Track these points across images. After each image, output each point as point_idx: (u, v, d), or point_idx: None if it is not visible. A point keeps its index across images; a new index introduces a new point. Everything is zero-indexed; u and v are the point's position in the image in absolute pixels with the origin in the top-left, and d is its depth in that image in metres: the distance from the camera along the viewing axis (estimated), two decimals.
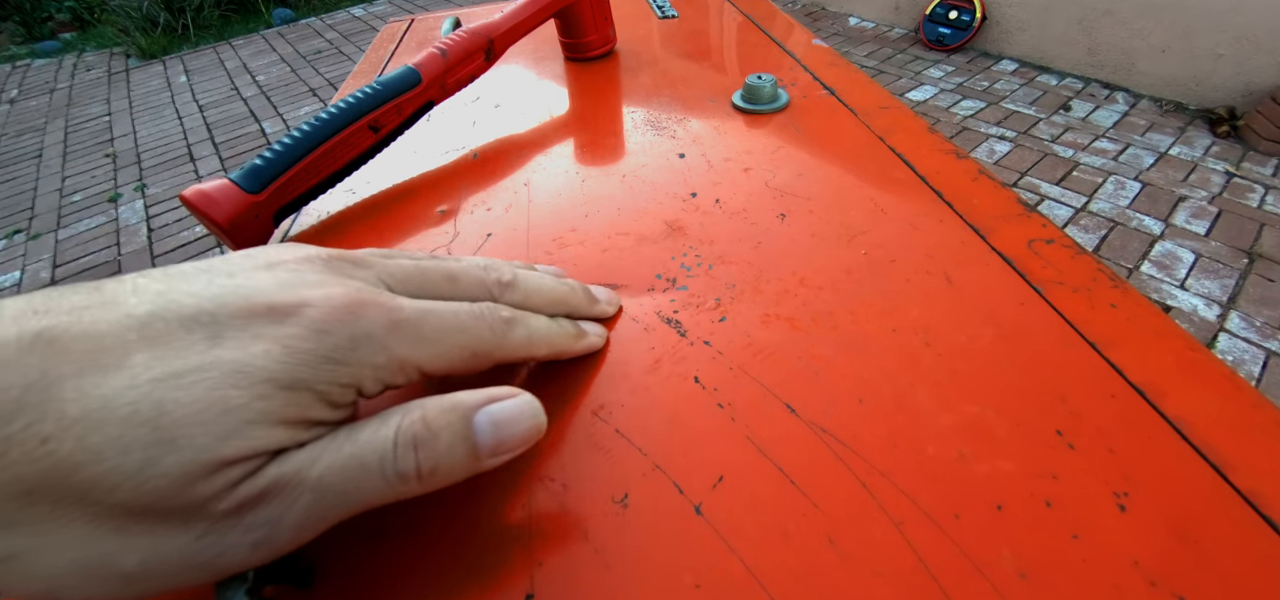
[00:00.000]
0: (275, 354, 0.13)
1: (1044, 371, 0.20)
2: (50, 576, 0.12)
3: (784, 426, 0.19)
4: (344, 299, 0.15)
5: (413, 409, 0.15)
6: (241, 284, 0.14)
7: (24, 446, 0.11)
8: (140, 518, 0.12)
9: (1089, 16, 2.16)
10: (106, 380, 0.12)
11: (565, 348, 0.20)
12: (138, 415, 0.12)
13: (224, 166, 2.24)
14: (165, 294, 0.13)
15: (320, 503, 0.14)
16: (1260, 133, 1.74)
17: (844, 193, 0.29)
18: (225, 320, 0.13)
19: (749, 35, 0.49)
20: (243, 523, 0.13)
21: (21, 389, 0.11)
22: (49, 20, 4.05)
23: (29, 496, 0.11)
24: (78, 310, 0.12)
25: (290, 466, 0.13)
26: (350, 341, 0.14)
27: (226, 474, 0.12)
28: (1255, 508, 0.16)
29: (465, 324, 0.17)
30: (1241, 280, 1.35)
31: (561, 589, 0.16)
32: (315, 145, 0.29)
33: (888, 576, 0.15)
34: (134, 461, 0.11)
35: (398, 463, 0.14)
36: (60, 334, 0.12)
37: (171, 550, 0.12)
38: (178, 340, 0.13)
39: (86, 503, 0.11)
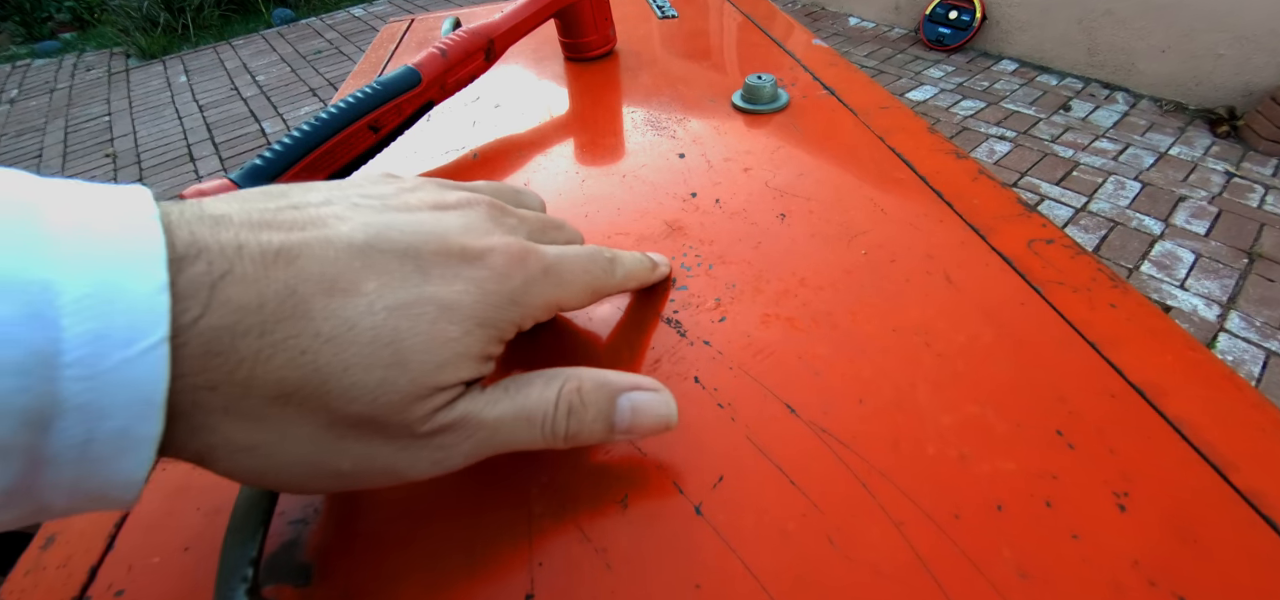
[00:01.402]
0: (473, 294, 0.15)
1: (1044, 371, 0.20)
2: (281, 468, 0.13)
3: (784, 426, 0.19)
4: (517, 248, 0.16)
5: (572, 378, 0.17)
6: (433, 224, 0.16)
7: (287, 353, 0.12)
8: (364, 427, 0.13)
9: (1089, 16, 2.16)
10: (348, 303, 0.13)
11: (648, 277, 0.23)
12: (379, 338, 0.13)
13: (224, 166, 2.24)
14: (372, 225, 0.15)
15: (489, 440, 0.15)
16: (1260, 133, 1.74)
17: (844, 193, 0.29)
18: (428, 257, 0.15)
19: (749, 35, 0.49)
20: (433, 443, 0.15)
21: (277, 301, 0.12)
22: (49, 20, 4.05)
23: (282, 399, 0.12)
24: (296, 226, 0.14)
25: (476, 405, 0.15)
26: (523, 286, 0.16)
27: (435, 400, 0.14)
28: (1255, 508, 0.16)
29: (587, 266, 0.19)
30: (1241, 280, 1.35)
31: (561, 589, 0.16)
32: (315, 145, 0.29)
33: (888, 576, 0.15)
34: (374, 379, 0.13)
35: (554, 423, 0.16)
36: (297, 253, 0.13)
37: (379, 457, 0.14)
38: (395, 272, 0.14)
39: (327, 409, 0.13)
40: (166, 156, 2.37)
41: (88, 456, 0.11)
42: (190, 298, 0.11)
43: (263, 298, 0.12)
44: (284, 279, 0.13)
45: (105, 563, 0.18)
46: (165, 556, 0.18)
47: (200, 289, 0.12)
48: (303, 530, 0.18)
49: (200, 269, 0.12)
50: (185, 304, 0.11)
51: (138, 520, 0.19)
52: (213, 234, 0.12)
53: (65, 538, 0.18)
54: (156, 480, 0.20)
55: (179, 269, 0.11)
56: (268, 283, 0.12)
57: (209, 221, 0.12)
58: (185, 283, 0.11)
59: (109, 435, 0.11)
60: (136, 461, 0.11)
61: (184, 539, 0.18)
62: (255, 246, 0.13)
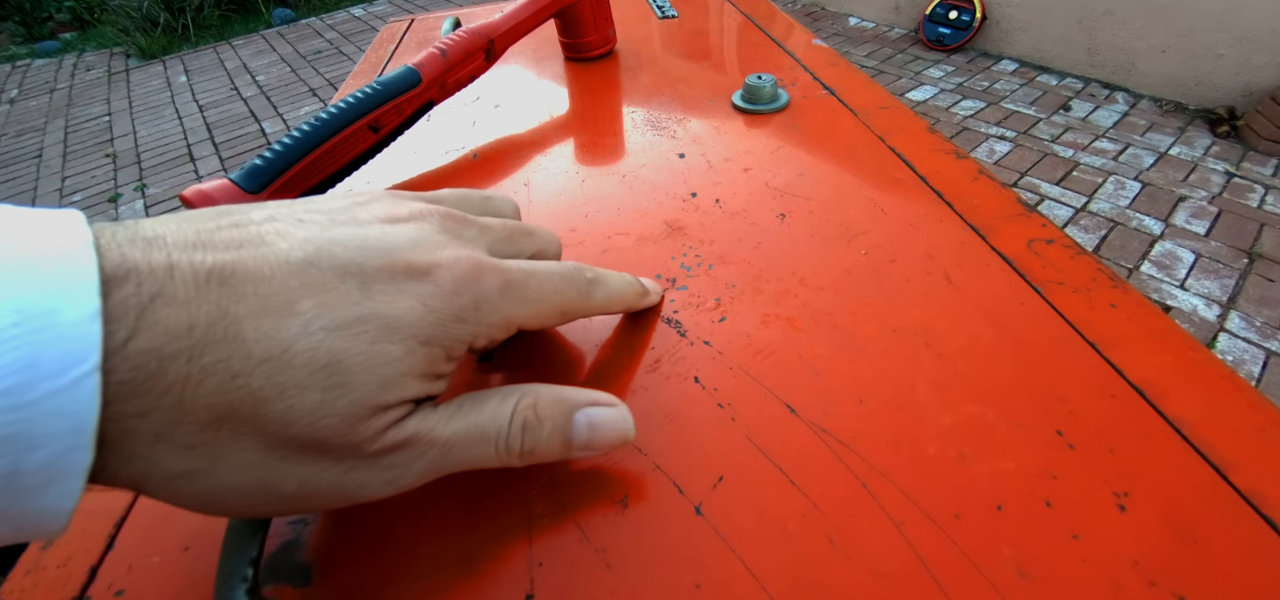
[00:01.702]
0: (417, 311, 0.15)
1: (1044, 371, 0.20)
2: (220, 493, 0.13)
3: (784, 426, 0.19)
4: (469, 263, 0.16)
5: (527, 394, 0.17)
6: (378, 238, 0.15)
7: (217, 377, 0.12)
8: (306, 450, 0.13)
9: (1089, 16, 2.16)
10: (283, 324, 0.13)
11: (634, 303, 0.22)
12: (315, 360, 0.13)
13: (224, 166, 2.24)
14: (313, 241, 0.14)
15: (443, 458, 0.15)
16: (1260, 133, 1.74)
17: (844, 193, 0.29)
18: (371, 273, 0.14)
19: (749, 35, 0.49)
20: (382, 462, 0.14)
21: (207, 324, 0.12)
22: (49, 20, 4.05)
23: (215, 424, 0.12)
24: (233, 245, 0.13)
25: (427, 424, 0.15)
26: (474, 303, 0.16)
27: (381, 419, 0.14)
28: (1255, 508, 0.16)
29: (559, 286, 0.18)
30: (1241, 280, 1.35)
31: (561, 589, 0.16)
32: (315, 145, 0.29)
33: (888, 576, 0.15)
34: (311, 401, 0.13)
35: (509, 440, 0.16)
36: (231, 272, 0.13)
37: (325, 479, 0.14)
38: (334, 290, 0.14)
39: (264, 433, 0.13)
40: (166, 156, 2.37)
41: (14, 488, 0.10)
42: (118, 320, 0.11)
43: (193, 320, 0.12)
44: (216, 300, 0.12)
45: (105, 563, 0.18)
46: (165, 556, 0.18)
47: (128, 311, 0.11)
48: (303, 530, 0.18)
49: (129, 290, 0.11)
50: (113, 327, 0.11)
51: (138, 520, 0.19)
52: (144, 255, 0.12)
53: (65, 538, 0.18)
54: None
55: (108, 291, 0.11)
56: (199, 305, 0.12)
57: (141, 243, 0.12)
58: (114, 305, 0.11)
59: (37, 466, 0.10)
60: (64, 492, 0.11)
61: (184, 539, 0.18)
62: (187, 267, 0.12)
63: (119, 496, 0.19)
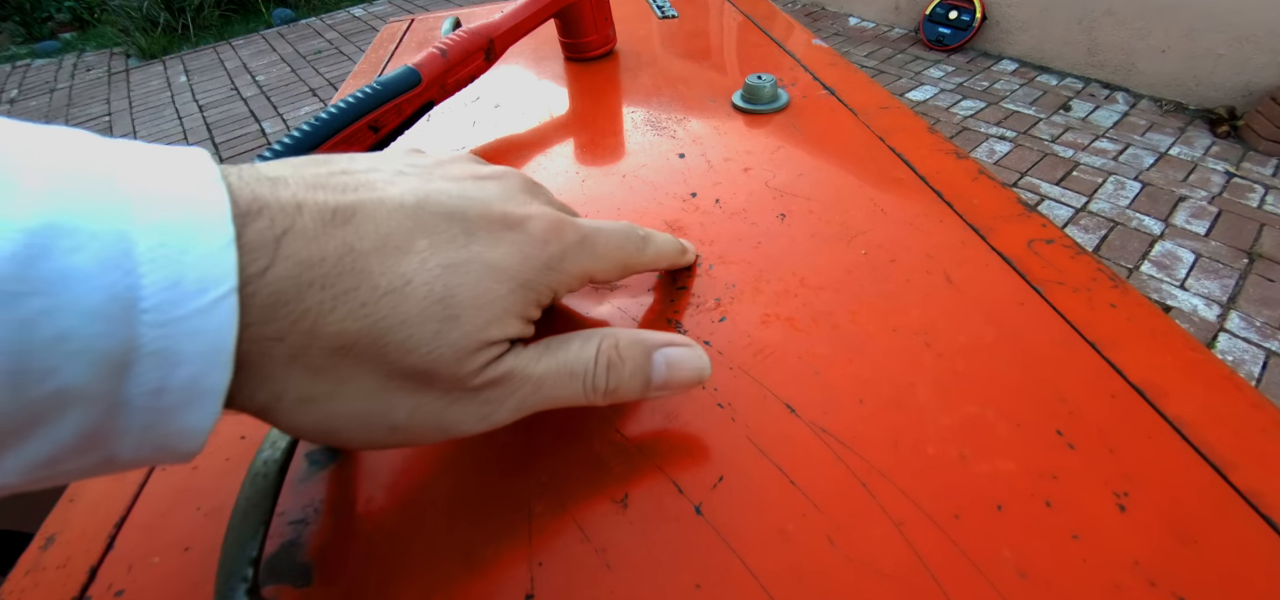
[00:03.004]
0: (516, 256, 0.16)
1: (1044, 371, 0.20)
2: (339, 418, 0.14)
3: (784, 426, 0.19)
4: (554, 218, 0.17)
5: (609, 335, 0.17)
6: (475, 190, 0.16)
7: (348, 305, 0.13)
8: (417, 380, 0.14)
9: (1089, 16, 2.16)
10: (403, 261, 0.14)
11: (677, 259, 0.24)
12: (433, 294, 0.14)
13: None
14: (418, 190, 0.15)
15: (534, 395, 0.16)
16: (1260, 133, 1.73)
17: (844, 193, 0.29)
18: (473, 220, 0.15)
19: (749, 35, 0.49)
20: (481, 397, 0.15)
21: (336, 257, 0.13)
22: (49, 20, 4.05)
23: (342, 351, 0.13)
24: (349, 189, 0.14)
25: (521, 361, 0.16)
26: (561, 253, 0.17)
27: (485, 354, 0.15)
28: (1255, 508, 0.16)
29: (621, 242, 0.20)
30: (1241, 280, 1.35)
31: (561, 589, 0.16)
32: (315, 145, 0.29)
33: (888, 576, 0.15)
34: (428, 332, 0.14)
35: (595, 378, 0.17)
36: (353, 212, 0.14)
37: (430, 410, 0.15)
38: (443, 233, 0.15)
39: (383, 362, 0.13)
40: None
41: (159, 404, 0.11)
42: (256, 251, 0.12)
43: (324, 253, 0.13)
44: (342, 236, 0.13)
45: (105, 563, 0.18)
46: (165, 556, 0.18)
47: (265, 243, 0.12)
48: (303, 530, 0.18)
49: (263, 224, 0.12)
50: (251, 256, 0.12)
51: (138, 520, 0.19)
52: (272, 192, 0.13)
53: (65, 538, 0.18)
54: (156, 480, 0.20)
55: (243, 224, 0.12)
56: (327, 239, 0.13)
57: (267, 182, 0.13)
58: (250, 237, 0.12)
59: (181, 383, 0.11)
60: (203, 412, 0.11)
61: (184, 539, 0.18)
62: (313, 205, 0.13)
63: (119, 496, 0.19)
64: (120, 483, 0.20)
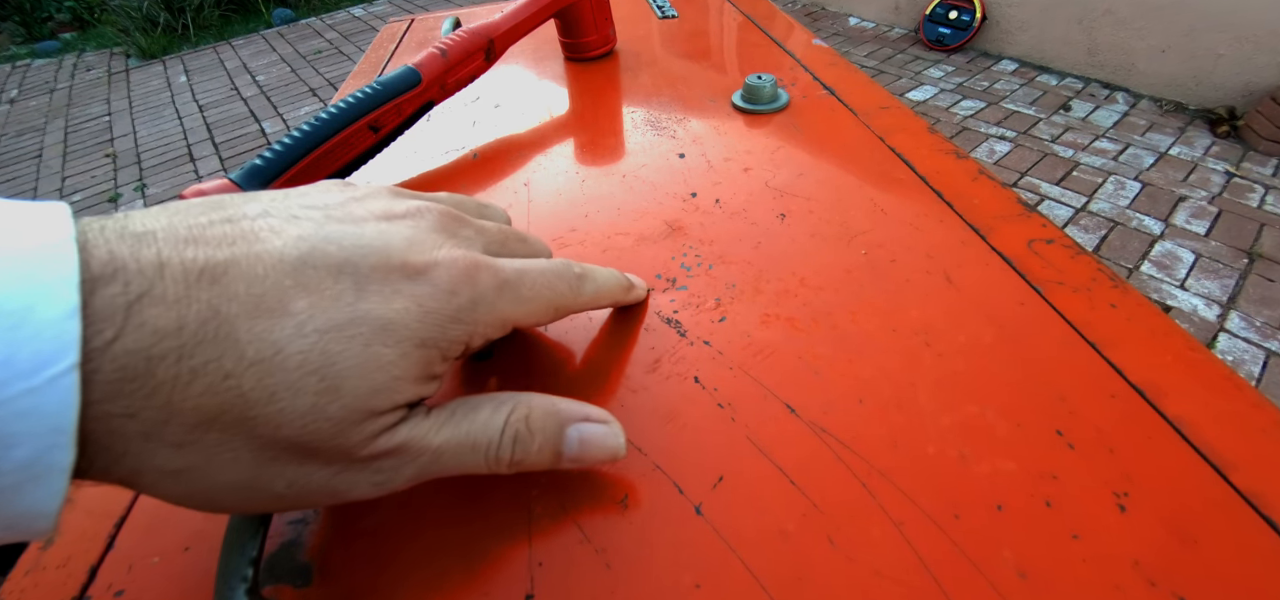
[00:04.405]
0: (413, 312, 0.14)
1: (1044, 371, 0.20)
2: (211, 491, 0.13)
3: (784, 426, 0.19)
4: (466, 262, 0.16)
5: (521, 405, 0.16)
6: (373, 237, 0.15)
7: (208, 378, 0.12)
8: (297, 452, 0.13)
9: (1089, 16, 2.15)
10: (276, 325, 0.13)
11: (620, 298, 0.22)
12: (308, 363, 0.13)
13: (224, 166, 2.24)
14: (307, 239, 0.14)
15: (433, 464, 0.15)
16: (1260, 133, 1.73)
17: (844, 193, 0.29)
18: (366, 273, 0.14)
19: (749, 35, 0.49)
20: (372, 467, 0.14)
21: (198, 323, 0.12)
22: (49, 20, 4.05)
23: (206, 424, 0.12)
24: (226, 242, 0.13)
25: (419, 430, 0.15)
26: (470, 303, 0.16)
27: (373, 424, 0.14)
28: (1255, 508, 0.16)
29: (551, 282, 0.18)
30: (1241, 280, 1.35)
31: (561, 589, 0.16)
32: (315, 145, 0.29)
33: (888, 576, 0.15)
34: (304, 404, 0.13)
35: (500, 450, 0.16)
36: (224, 270, 0.12)
37: (316, 480, 0.14)
38: (328, 290, 0.14)
39: (254, 435, 0.13)
40: (166, 156, 2.37)
41: None
42: (104, 320, 0.11)
43: (183, 320, 0.12)
44: (207, 299, 0.12)
45: (105, 563, 0.18)
46: (165, 556, 0.18)
47: (115, 311, 0.11)
48: (303, 530, 0.18)
49: (116, 289, 0.11)
50: (98, 327, 0.11)
51: (138, 520, 0.19)
52: (133, 251, 0.12)
53: (65, 538, 0.18)
54: None
55: (92, 289, 0.11)
56: (189, 304, 0.12)
57: (130, 238, 0.12)
58: (99, 304, 0.11)
59: (17, 465, 0.10)
60: (48, 492, 0.11)
61: (184, 539, 0.18)
62: (178, 264, 0.12)
63: (119, 496, 0.19)
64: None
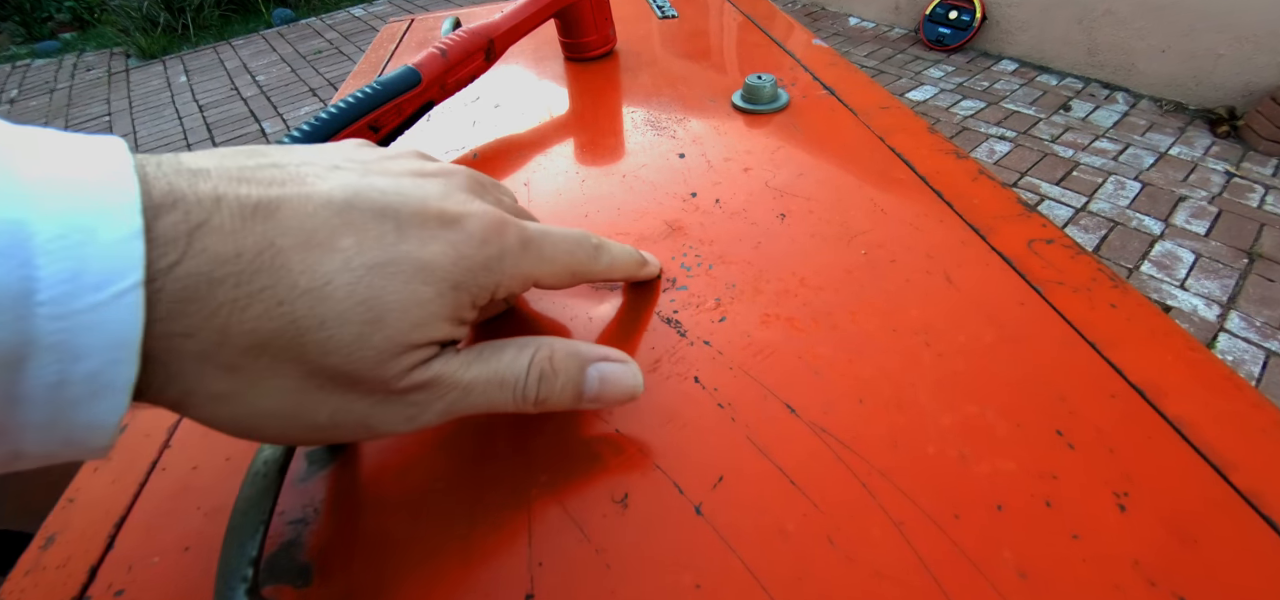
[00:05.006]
0: (449, 256, 0.15)
1: (1044, 371, 0.20)
2: (257, 417, 0.13)
3: (784, 426, 0.19)
4: (495, 217, 0.17)
5: (544, 346, 0.17)
6: (412, 187, 0.16)
7: (263, 304, 0.12)
8: (339, 381, 0.14)
9: (1089, 16, 2.15)
10: (326, 259, 0.13)
11: (635, 272, 0.23)
12: (355, 294, 0.13)
13: None
14: (350, 185, 0.15)
15: (462, 400, 0.16)
16: (1260, 133, 1.73)
17: (844, 193, 0.29)
18: (407, 218, 0.15)
19: (749, 35, 0.49)
20: (407, 399, 0.15)
21: (254, 253, 0.12)
22: (49, 20, 4.05)
23: (258, 348, 0.13)
24: (276, 183, 0.14)
25: (450, 366, 0.15)
26: (499, 254, 0.16)
27: (410, 357, 0.14)
28: (1255, 508, 0.16)
29: (571, 248, 0.19)
30: (1241, 280, 1.35)
31: (561, 589, 0.16)
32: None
33: (888, 576, 0.15)
34: (349, 334, 0.13)
35: (526, 387, 0.17)
36: (276, 207, 0.13)
37: (353, 411, 0.14)
38: (372, 230, 0.14)
39: (302, 362, 0.13)
40: None
41: (61, 398, 0.11)
42: (167, 244, 0.11)
43: (240, 248, 0.12)
44: (262, 232, 0.13)
45: (105, 563, 0.18)
46: (165, 556, 0.18)
47: (177, 236, 0.12)
48: (303, 530, 0.18)
49: (177, 217, 0.12)
50: (161, 250, 0.11)
51: (138, 520, 0.19)
52: (191, 185, 0.12)
53: (65, 538, 0.18)
54: (156, 480, 0.20)
55: (155, 216, 0.11)
56: (245, 234, 0.12)
57: (187, 173, 0.13)
58: (162, 230, 0.11)
59: (83, 377, 0.11)
60: (110, 406, 0.11)
61: (184, 539, 0.18)
62: (233, 199, 0.13)
63: (119, 496, 0.19)
64: (120, 483, 0.20)
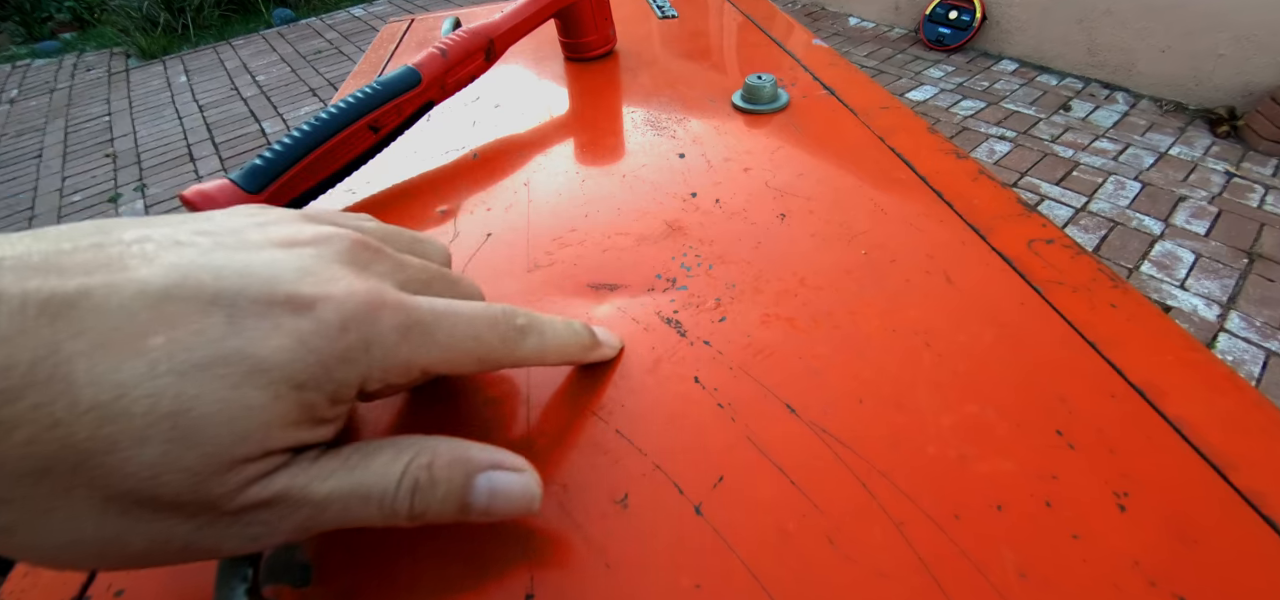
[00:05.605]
0: (291, 350, 0.13)
1: (1044, 371, 0.20)
2: (48, 549, 0.12)
3: (784, 426, 0.19)
4: (363, 298, 0.14)
5: (423, 451, 0.15)
6: (261, 265, 0.14)
7: (31, 427, 0.10)
8: (149, 506, 0.12)
9: (1089, 16, 2.16)
10: (124, 365, 0.11)
11: (578, 356, 0.20)
12: (157, 408, 0.11)
13: (224, 166, 2.24)
14: (180, 267, 0.13)
15: (317, 517, 0.14)
16: (1260, 133, 1.74)
17: (844, 193, 0.29)
18: (245, 306, 0.13)
19: (749, 35, 0.49)
20: (244, 520, 0.13)
21: (29, 364, 0.10)
22: (49, 20, 4.05)
23: (33, 476, 0.11)
24: (84, 270, 0.12)
25: (299, 480, 0.13)
26: (363, 342, 0.14)
27: (239, 474, 0.12)
28: (1255, 508, 0.16)
29: (480, 332, 0.16)
30: (1241, 280, 1.35)
31: (561, 589, 0.16)
32: (315, 145, 0.29)
33: (888, 576, 0.15)
34: (151, 455, 0.11)
35: (396, 501, 0.14)
36: (71, 303, 0.11)
37: (177, 536, 0.12)
38: (192, 323, 0.12)
39: (94, 488, 0.11)
40: (166, 157, 2.37)
41: None
42: None
43: (12, 360, 0.10)
44: (47, 336, 0.11)
45: None
46: None
47: None
48: None
49: None
50: None
51: None
52: None
53: None
54: None
55: None
56: (22, 341, 0.10)
57: None
58: None
59: None
60: None
61: None
62: (17, 296, 0.11)
63: None
64: None
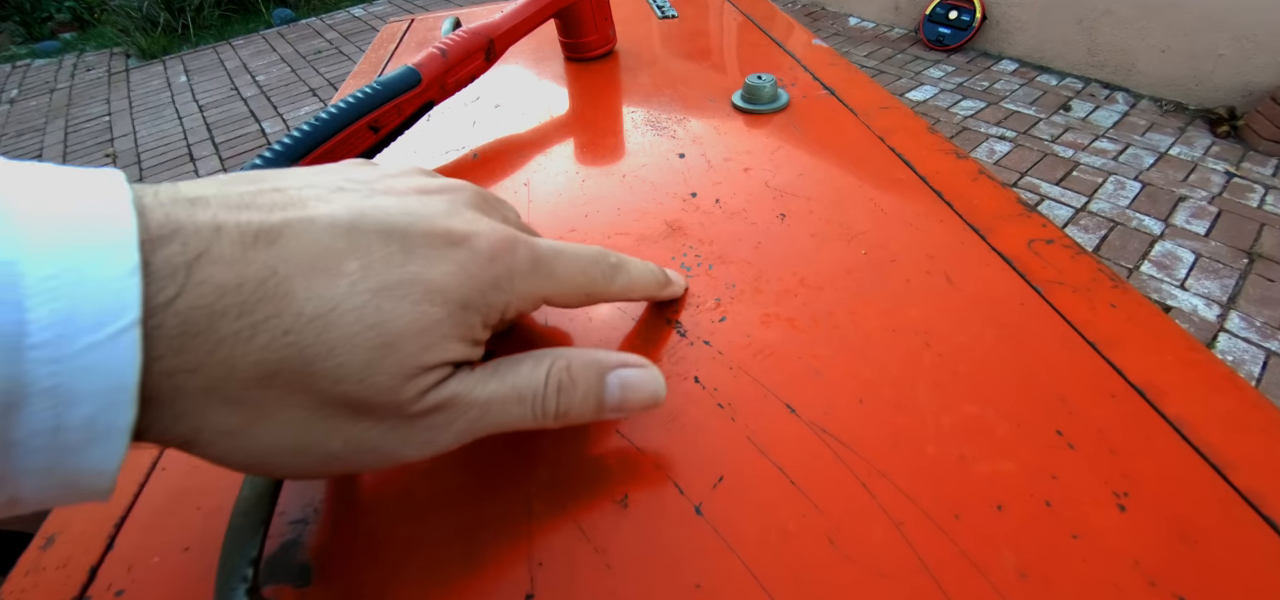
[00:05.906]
0: (458, 276, 0.15)
1: (1044, 371, 0.20)
2: (268, 451, 0.13)
3: (784, 426, 0.19)
4: (504, 234, 0.16)
5: (561, 357, 0.17)
6: (418, 206, 0.15)
7: (268, 334, 0.12)
8: (351, 409, 0.13)
9: (1089, 16, 2.15)
10: (331, 285, 0.13)
11: (655, 293, 0.22)
12: (363, 319, 0.13)
13: (224, 167, 2.23)
14: (355, 207, 0.14)
15: (481, 419, 0.15)
16: (1260, 133, 1.73)
17: (844, 193, 0.29)
18: (413, 238, 0.15)
19: (749, 35, 0.49)
20: (423, 423, 0.15)
21: (258, 281, 0.12)
22: (49, 20, 4.05)
23: (266, 380, 0.12)
24: (277, 207, 0.13)
25: (466, 385, 0.15)
26: (508, 272, 0.16)
27: (424, 379, 0.14)
28: (1255, 508, 0.16)
29: (586, 267, 0.19)
30: (1241, 280, 1.35)
31: (561, 589, 0.16)
32: (315, 145, 0.29)
33: (888, 576, 0.15)
34: (359, 360, 0.13)
35: (545, 401, 0.16)
36: (278, 233, 0.13)
37: (368, 439, 0.14)
38: (378, 252, 0.14)
39: (311, 391, 0.13)
40: (166, 157, 2.37)
41: (58, 444, 0.10)
42: (165, 278, 0.11)
43: (242, 278, 0.12)
44: (264, 260, 0.12)
45: (105, 563, 0.18)
46: (165, 556, 0.18)
47: (175, 269, 0.11)
48: (303, 530, 0.18)
49: (175, 249, 0.11)
50: (159, 284, 0.11)
51: (138, 520, 0.19)
52: (189, 214, 0.12)
53: (65, 538, 0.18)
54: (156, 480, 0.20)
55: (153, 249, 0.11)
56: (247, 263, 0.12)
57: (185, 203, 0.12)
58: (159, 263, 0.11)
59: (79, 422, 0.10)
60: (109, 451, 0.11)
61: (184, 539, 0.18)
62: (234, 226, 0.12)
63: (119, 496, 0.19)
64: (120, 483, 0.20)
